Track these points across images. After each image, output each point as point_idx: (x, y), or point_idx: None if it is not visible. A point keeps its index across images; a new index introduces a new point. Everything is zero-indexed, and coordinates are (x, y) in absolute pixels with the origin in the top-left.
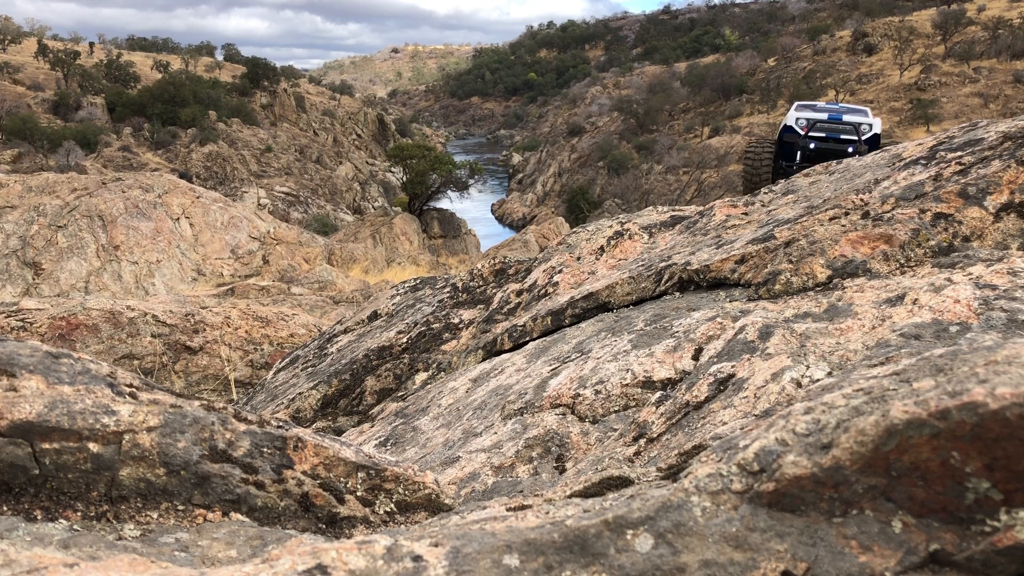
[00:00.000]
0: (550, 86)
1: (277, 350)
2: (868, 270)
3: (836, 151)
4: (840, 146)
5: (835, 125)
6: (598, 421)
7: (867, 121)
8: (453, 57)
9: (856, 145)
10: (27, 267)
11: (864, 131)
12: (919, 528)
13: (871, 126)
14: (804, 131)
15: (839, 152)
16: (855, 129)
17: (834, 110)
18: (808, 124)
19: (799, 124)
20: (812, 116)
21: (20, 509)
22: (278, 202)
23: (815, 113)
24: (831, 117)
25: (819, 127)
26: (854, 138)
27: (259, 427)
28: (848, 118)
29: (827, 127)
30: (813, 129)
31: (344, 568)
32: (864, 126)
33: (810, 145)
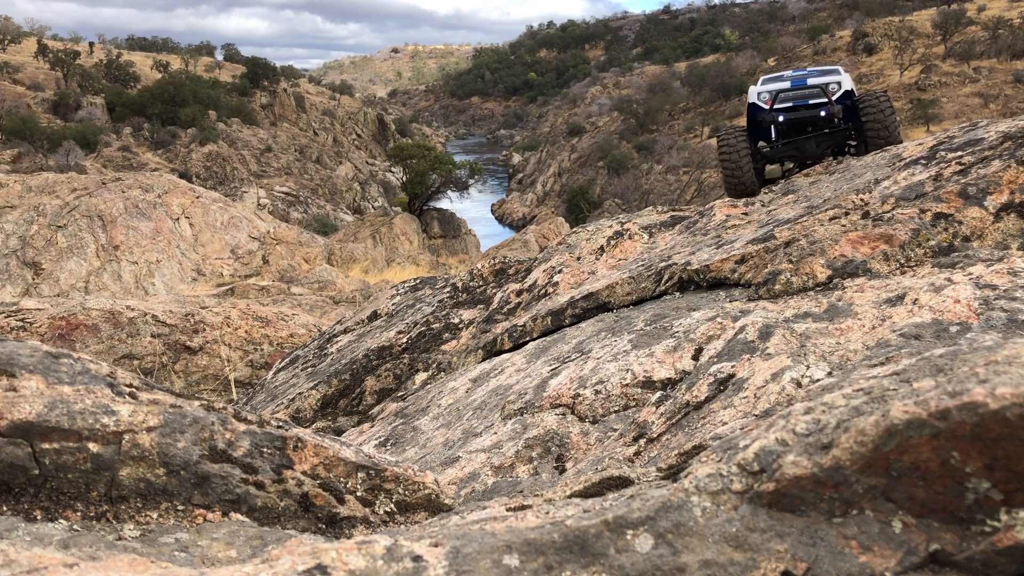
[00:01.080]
0: (550, 86)
1: (277, 350)
2: (868, 270)
3: (808, 118)
4: (811, 112)
5: (800, 91)
6: (598, 421)
7: (835, 80)
8: (453, 57)
9: (827, 107)
10: (27, 267)
11: (833, 90)
12: (919, 528)
13: (840, 84)
14: (768, 104)
15: (812, 119)
16: (823, 90)
17: (800, 76)
18: (771, 96)
19: (762, 99)
20: (775, 87)
21: (20, 509)
22: (278, 202)
23: (779, 83)
24: (795, 83)
25: (783, 97)
26: (823, 100)
27: (259, 427)
28: (814, 80)
29: (792, 94)
30: (777, 100)
31: (344, 568)
32: (832, 85)
33: (779, 118)
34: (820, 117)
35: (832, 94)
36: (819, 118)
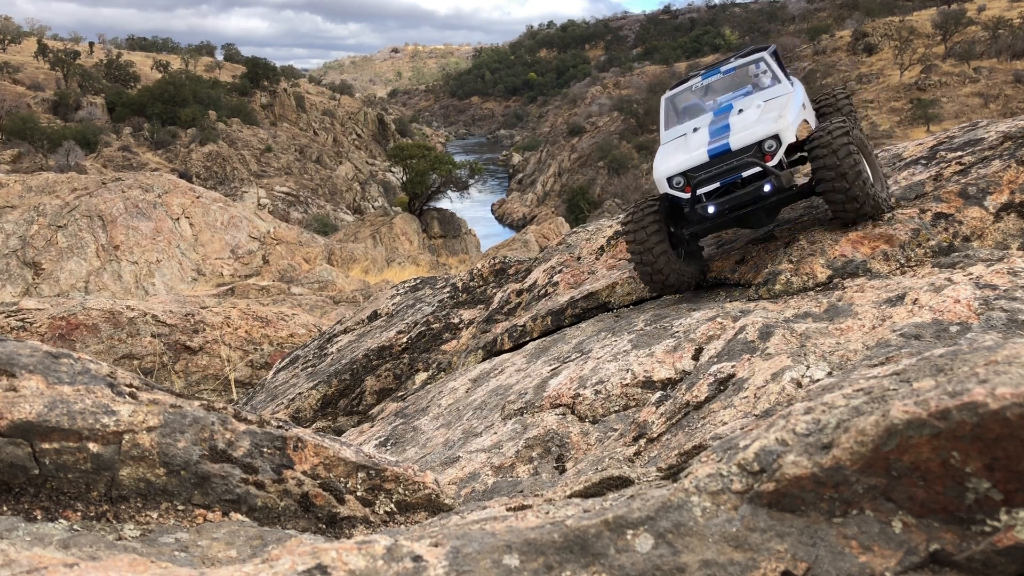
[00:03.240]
0: (550, 86)
1: (277, 350)
2: (868, 270)
3: (750, 199)
4: (752, 191)
5: (725, 162)
6: (598, 421)
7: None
8: (453, 57)
9: (774, 181)
10: (27, 267)
11: (771, 149)
12: (919, 528)
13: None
14: (687, 192)
15: (755, 198)
16: (757, 152)
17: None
18: (686, 180)
19: (675, 185)
20: (686, 159)
21: (20, 509)
22: (278, 202)
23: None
24: (713, 151)
25: (704, 177)
26: (757, 167)
27: (259, 427)
28: (737, 120)
29: (716, 170)
30: (696, 184)
31: (344, 568)
32: (769, 142)
33: (709, 210)
34: (766, 194)
35: (772, 153)
36: (762, 196)
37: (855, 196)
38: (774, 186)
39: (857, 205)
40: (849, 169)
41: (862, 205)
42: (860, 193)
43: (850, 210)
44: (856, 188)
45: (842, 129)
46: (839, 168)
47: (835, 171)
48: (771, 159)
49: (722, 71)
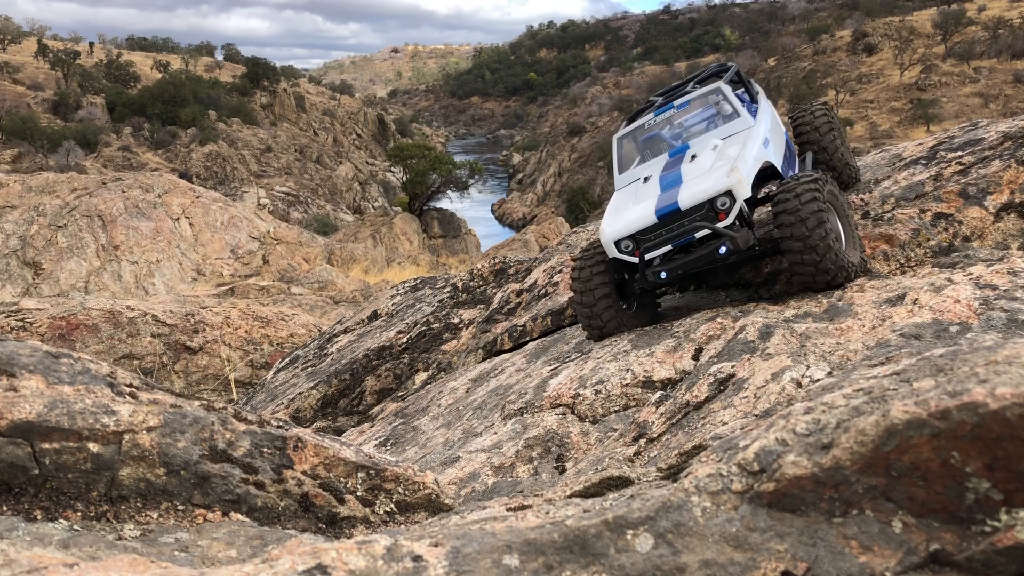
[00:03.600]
0: (550, 86)
1: (277, 350)
2: (868, 270)
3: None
4: (705, 255)
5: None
6: (598, 421)
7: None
8: (453, 57)
9: (729, 243)
10: (27, 267)
11: (724, 206)
12: (919, 528)
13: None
14: (635, 255)
15: (710, 261)
16: (709, 212)
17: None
18: (635, 244)
19: (624, 249)
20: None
21: (20, 509)
22: (278, 202)
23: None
24: (662, 211)
25: (653, 242)
26: (713, 228)
27: (259, 427)
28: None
29: (667, 234)
30: (645, 248)
31: (344, 568)
32: (721, 199)
33: (661, 275)
34: (720, 256)
35: (726, 211)
36: (717, 258)
37: (826, 269)
38: (729, 249)
39: (828, 277)
40: (820, 240)
41: (833, 276)
42: (832, 265)
43: (820, 281)
44: (827, 261)
45: (811, 190)
46: (808, 239)
47: (803, 242)
48: (725, 217)
49: (676, 106)
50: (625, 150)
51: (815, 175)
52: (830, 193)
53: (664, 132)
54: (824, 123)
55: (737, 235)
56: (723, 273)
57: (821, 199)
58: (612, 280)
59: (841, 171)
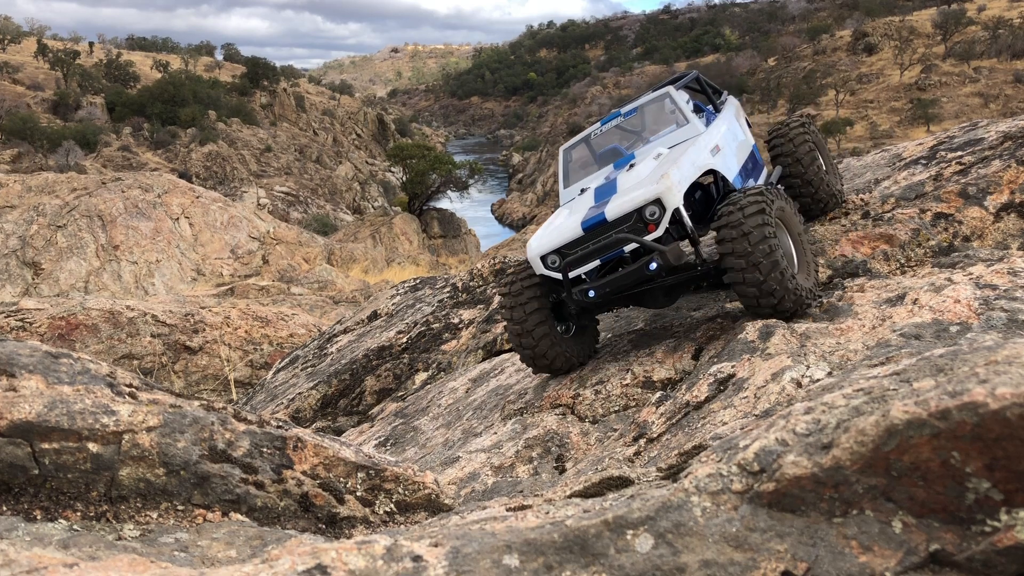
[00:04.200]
0: (550, 86)
1: (277, 350)
2: (868, 270)
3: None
4: (634, 273)
5: (603, 236)
6: (598, 421)
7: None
8: (453, 57)
9: (660, 258)
10: (27, 267)
11: (653, 215)
12: (919, 528)
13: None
14: (565, 273)
15: (640, 279)
16: (638, 222)
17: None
18: (561, 258)
19: (550, 264)
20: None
21: (20, 509)
22: (278, 202)
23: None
24: (588, 222)
25: (578, 256)
26: (635, 242)
27: (259, 427)
28: (625, 180)
29: (593, 246)
30: (571, 263)
31: (344, 568)
32: (650, 209)
33: (589, 294)
34: (652, 273)
35: (656, 222)
36: (647, 274)
37: (771, 291)
38: (660, 265)
39: (774, 300)
40: (764, 257)
41: (780, 300)
42: (777, 287)
43: (764, 305)
44: (772, 281)
45: (756, 203)
46: (751, 256)
47: (746, 259)
48: (655, 229)
49: (622, 114)
50: (572, 162)
51: (762, 187)
52: (779, 209)
53: (611, 142)
54: (800, 138)
55: (667, 249)
56: (661, 295)
57: (768, 213)
58: (547, 301)
59: (819, 192)
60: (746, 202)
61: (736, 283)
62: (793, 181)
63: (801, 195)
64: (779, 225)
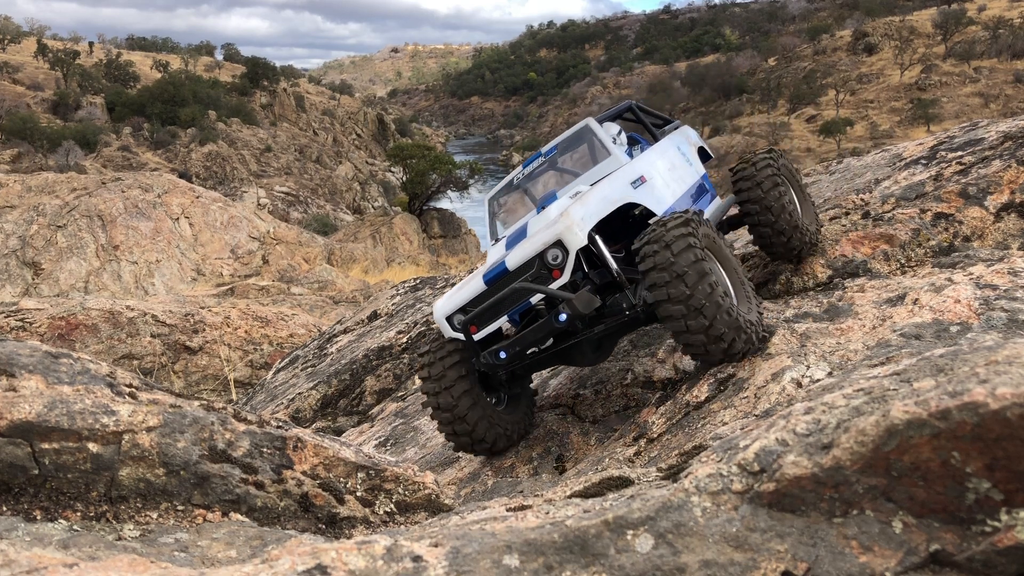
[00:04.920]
0: (550, 86)
1: (277, 350)
2: (869, 270)
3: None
4: (540, 328)
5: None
6: (598, 421)
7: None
8: (453, 57)
9: (568, 310)
10: (26, 267)
11: (556, 260)
12: (920, 528)
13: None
14: (473, 331)
15: (550, 333)
16: (539, 266)
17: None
18: (467, 316)
19: (455, 324)
20: (465, 291)
21: (20, 509)
22: (278, 202)
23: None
24: (489, 274)
25: (481, 313)
26: (534, 291)
27: (259, 427)
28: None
29: (496, 299)
30: (475, 319)
31: (344, 568)
32: (552, 252)
33: (500, 355)
34: (561, 325)
35: (559, 267)
36: (560, 326)
37: (719, 335)
38: (570, 315)
39: (723, 345)
40: (705, 298)
41: (731, 343)
42: (726, 328)
43: (715, 351)
44: (720, 323)
45: (683, 236)
46: (691, 300)
47: (685, 304)
48: (560, 275)
49: (543, 153)
50: (500, 212)
51: (682, 215)
52: (705, 236)
53: (536, 185)
54: (769, 181)
55: (573, 297)
56: (590, 349)
57: (697, 245)
58: (472, 369)
59: (791, 241)
60: (671, 237)
61: (679, 332)
62: (763, 231)
63: (772, 245)
64: (709, 256)
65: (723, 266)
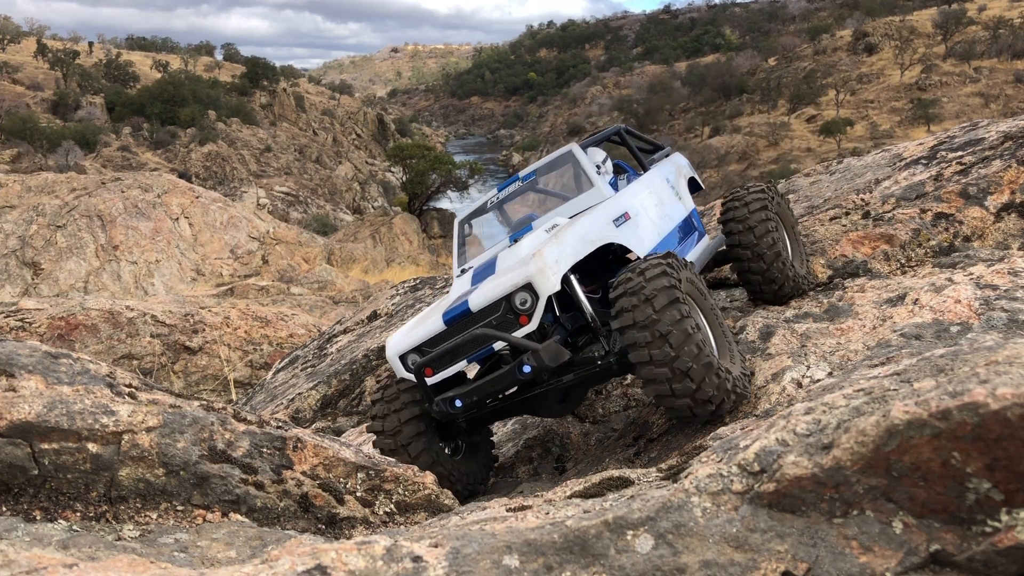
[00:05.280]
0: (550, 86)
1: (276, 350)
2: (869, 270)
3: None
4: (501, 378)
5: (466, 331)
6: (598, 421)
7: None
8: (453, 57)
9: (532, 360)
10: (26, 267)
11: (524, 304)
12: (920, 528)
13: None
14: (428, 374)
15: (512, 383)
16: (506, 310)
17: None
18: (422, 357)
19: (410, 364)
20: (423, 328)
21: (19, 509)
22: (278, 202)
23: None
24: (450, 314)
25: (439, 356)
26: (501, 339)
27: (258, 427)
28: (505, 258)
29: (455, 342)
30: (429, 360)
31: (344, 568)
32: (520, 296)
33: (456, 403)
34: (524, 377)
35: (528, 312)
36: (523, 378)
37: (706, 397)
38: (534, 367)
39: (711, 407)
40: (692, 361)
41: (718, 405)
42: (712, 391)
43: (700, 414)
44: (708, 386)
45: (666, 288)
46: (676, 362)
47: (669, 366)
48: (527, 321)
49: (520, 178)
50: (471, 237)
51: (661, 260)
52: (687, 282)
53: (511, 211)
54: (761, 226)
55: (540, 348)
56: (555, 400)
57: (681, 300)
58: (425, 413)
59: (783, 288)
60: (651, 290)
61: (662, 395)
62: (752, 277)
63: (761, 292)
64: (692, 306)
65: (704, 315)
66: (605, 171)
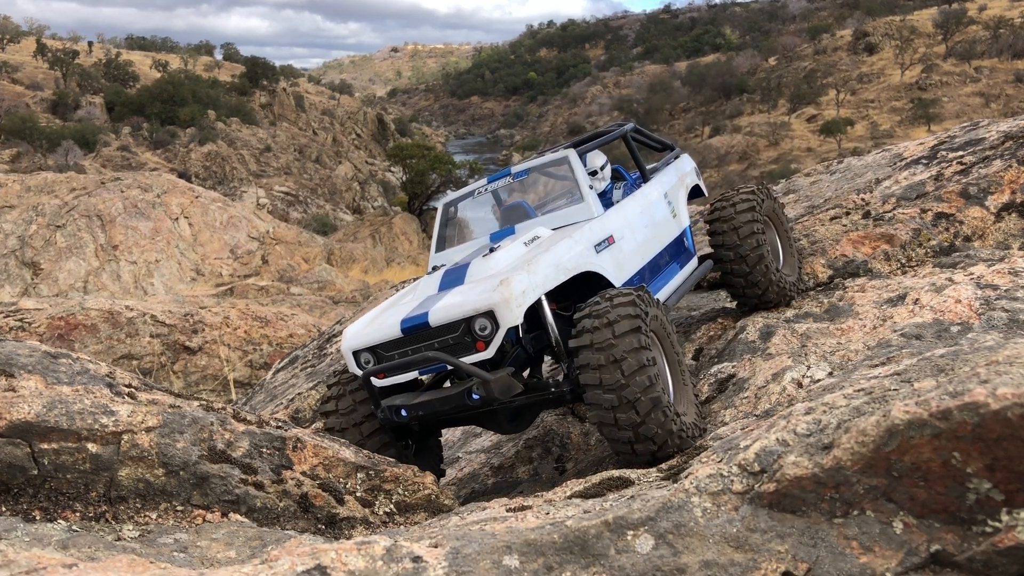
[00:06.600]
0: (550, 85)
1: (276, 350)
2: (869, 270)
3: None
4: (449, 399)
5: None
6: None
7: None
8: (453, 56)
9: (483, 390)
10: (26, 267)
11: (484, 330)
12: (920, 529)
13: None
14: (380, 378)
15: (459, 403)
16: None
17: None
18: (374, 356)
19: (363, 363)
20: (380, 328)
21: (19, 510)
22: (277, 202)
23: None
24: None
25: (393, 360)
26: (453, 365)
27: (258, 427)
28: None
29: (409, 354)
30: (382, 366)
31: (343, 568)
32: (480, 321)
33: (401, 412)
34: (472, 403)
35: (486, 340)
36: (472, 404)
37: (650, 434)
38: (482, 396)
39: (652, 446)
40: (641, 392)
41: (660, 446)
42: (658, 429)
43: (641, 452)
44: (652, 423)
45: (629, 316)
46: (625, 391)
47: (616, 393)
48: (484, 348)
49: (512, 174)
50: (453, 222)
51: (633, 291)
52: (654, 319)
53: (496, 206)
54: (747, 227)
55: (492, 379)
56: (505, 419)
57: (643, 330)
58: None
59: (767, 294)
60: (615, 316)
61: (604, 423)
62: (735, 280)
63: (744, 296)
64: (654, 342)
65: (666, 355)
66: (603, 177)
